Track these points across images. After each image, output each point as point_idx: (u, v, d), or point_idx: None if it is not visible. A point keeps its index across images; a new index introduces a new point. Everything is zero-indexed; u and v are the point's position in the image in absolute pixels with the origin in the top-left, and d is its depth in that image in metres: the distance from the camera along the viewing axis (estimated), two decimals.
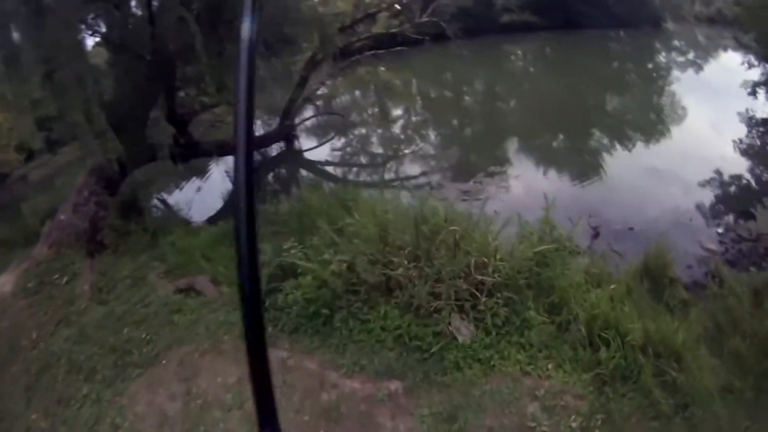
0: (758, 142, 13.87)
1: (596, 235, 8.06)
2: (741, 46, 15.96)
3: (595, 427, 4.57)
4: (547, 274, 5.44)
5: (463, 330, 4.76)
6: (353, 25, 15.67)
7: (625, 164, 12.60)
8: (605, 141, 15.10)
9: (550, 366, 4.99)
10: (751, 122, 14.74)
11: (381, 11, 17.19)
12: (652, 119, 17.24)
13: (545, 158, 13.71)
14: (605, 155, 13.66)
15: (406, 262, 4.90)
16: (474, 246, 5.10)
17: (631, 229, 8.43)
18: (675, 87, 21.86)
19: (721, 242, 8.28)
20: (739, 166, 12.22)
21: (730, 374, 5.22)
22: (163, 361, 5.66)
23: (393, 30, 18.26)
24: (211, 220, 10.22)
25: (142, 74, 9.13)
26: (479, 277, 4.83)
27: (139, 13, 9.36)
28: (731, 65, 25.93)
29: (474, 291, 4.82)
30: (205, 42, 8.85)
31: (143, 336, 6.07)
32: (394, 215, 5.88)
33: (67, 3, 7.62)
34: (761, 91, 14.88)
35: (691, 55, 30.19)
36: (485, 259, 4.95)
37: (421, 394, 4.65)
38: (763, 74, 14.96)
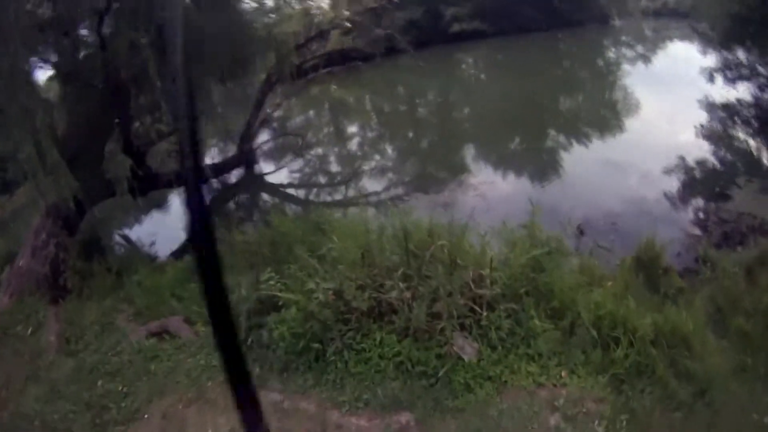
0: (720, 126, 14.03)
1: (581, 233, 7.85)
2: (697, 34, 16.22)
3: (621, 429, 4.36)
4: (544, 279, 5.15)
5: (468, 348, 4.40)
6: (307, 44, 15.36)
7: (592, 160, 12.63)
8: (567, 140, 15.11)
9: (563, 373, 4.70)
10: (712, 107, 14.92)
11: (333, 29, 16.94)
12: (607, 114, 17.49)
13: (509, 162, 13.66)
14: (571, 153, 13.68)
15: (400, 284, 4.51)
16: (467, 258, 4.77)
17: (613, 224, 8.29)
18: (627, 81, 22.29)
19: (704, 227, 8.21)
20: (704, 150, 12.34)
21: (740, 354, 5.18)
22: (146, 416, 5.10)
23: (344, 47, 18.04)
24: (177, 255, 9.68)
25: (95, 104, 8.55)
26: (479, 292, 4.49)
27: (89, 39, 8.79)
28: (679, 55, 26.82)
29: (474, 306, 4.48)
30: (158, 67, 8.44)
31: (120, 389, 5.49)
32: (375, 235, 5.53)
33: (12, 32, 7.11)
34: (718, 77, 15.00)
35: (639, 49, 30.93)
36: (482, 272, 4.61)
37: (434, 423, 4.27)
38: (718, 61, 15.12)
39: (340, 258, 5.16)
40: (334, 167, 16.21)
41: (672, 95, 17.17)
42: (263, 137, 16.17)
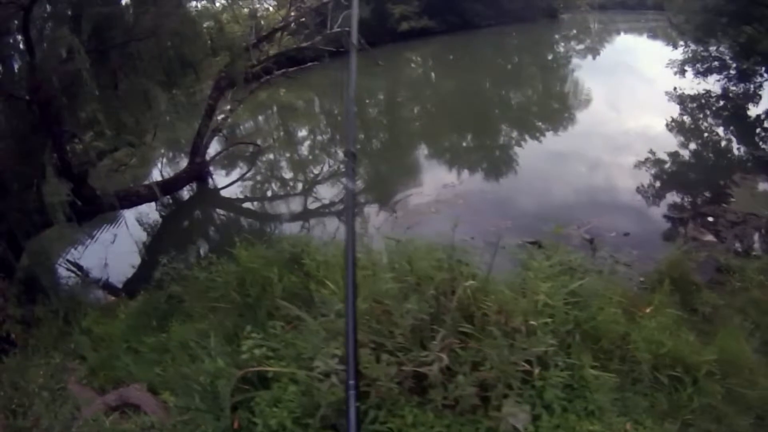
0: (696, 119, 13.74)
1: (594, 248, 7.08)
2: (672, 27, 16.15)
3: None
4: (587, 316, 4.29)
5: (521, 415, 3.46)
6: (258, 45, 14.23)
7: (570, 158, 11.95)
8: (534, 136, 14.56)
9: (628, 426, 3.85)
10: (683, 100, 14.67)
11: (281, 29, 15.90)
12: (568, 109, 17.11)
13: (471, 163, 12.94)
14: (546, 151, 13.00)
15: (429, 344, 3.50)
16: (502, 302, 3.82)
17: (626, 234, 7.55)
18: (578, 74, 22.22)
19: (716, 232, 7.58)
20: (685, 146, 11.97)
21: None
22: None
23: (293, 48, 17.03)
24: (128, 288, 8.56)
25: (23, 122, 7.32)
26: (535, 350, 3.55)
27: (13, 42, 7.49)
28: (626, 46, 27.15)
29: (526, 365, 3.55)
30: (95, 73, 7.24)
31: None
32: (372, 269, 4.54)
33: None
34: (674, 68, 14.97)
35: (588, 42, 31.14)
36: (533, 322, 3.68)
37: None
38: (684, 53, 14.93)
39: (338, 303, 4.15)
40: (290, 177, 15.13)
41: (628, 86, 16.99)
42: (216, 147, 15.04)
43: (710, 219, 7.93)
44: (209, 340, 4.98)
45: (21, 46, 7.16)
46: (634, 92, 16.59)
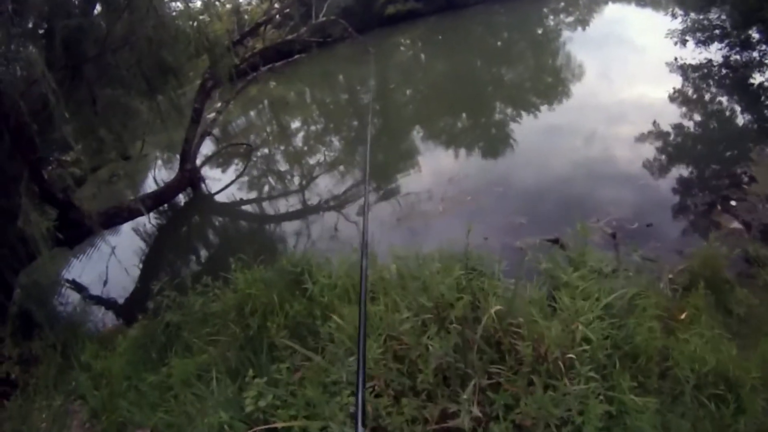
0: (700, 91, 13.29)
1: (617, 243, 6.65)
2: None
3: None
4: (623, 335, 3.89)
5: None
6: (242, 41, 13.70)
7: (575, 141, 11.46)
8: (534, 115, 14.02)
9: None
10: (684, 70, 14.20)
11: (265, 23, 15.38)
12: (566, 85, 16.61)
13: (479, 152, 12.42)
14: (549, 131, 12.52)
15: (460, 392, 3.09)
16: (538, 333, 3.41)
17: (649, 225, 7.09)
18: (570, 47, 21.73)
19: (742, 218, 7.12)
20: (687, 118, 11.52)
21: None
22: None
23: (280, 41, 16.52)
24: (125, 315, 8.23)
25: None
26: (575, 389, 3.15)
27: None
28: (615, 17, 26.65)
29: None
30: (70, 90, 6.78)
31: None
32: (384, 297, 4.13)
33: None
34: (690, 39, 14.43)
35: (576, 14, 30.53)
36: (571, 355, 3.28)
37: None
38: (683, 22, 14.46)
39: (347, 342, 3.74)
40: (285, 175, 14.60)
41: (636, 58, 16.47)
42: (207, 150, 14.59)
43: (733, 203, 7.47)
44: (212, 376, 4.70)
45: None
46: (633, 64, 16.09)
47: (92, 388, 5.87)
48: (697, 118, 11.65)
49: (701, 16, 14.06)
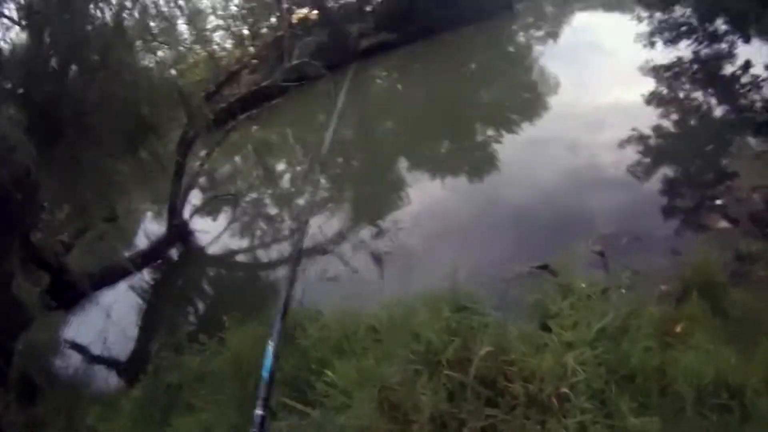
0: (674, 89, 13.43)
1: (603, 257, 6.65)
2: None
3: None
4: (617, 358, 3.87)
5: None
6: (219, 90, 13.78)
7: (553, 152, 11.52)
8: (510, 132, 14.08)
9: None
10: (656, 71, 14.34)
11: (241, 69, 15.50)
12: (541, 99, 16.71)
13: (462, 180, 12.37)
14: (522, 145, 12.60)
15: None
16: (530, 370, 3.39)
17: (637, 239, 7.09)
18: (543, 60, 21.92)
19: (729, 216, 7.15)
20: (664, 119, 11.63)
21: None
22: None
23: (257, 86, 16.61)
24: (126, 375, 8.19)
25: None
26: (568, 422, 3.13)
27: None
28: (584, 24, 26.99)
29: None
30: (50, 155, 6.81)
31: None
32: (375, 340, 4.12)
33: None
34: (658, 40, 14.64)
35: (546, 27, 30.93)
36: (565, 389, 3.26)
37: None
38: (649, 24, 14.68)
39: (339, 396, 3.71)
40: (274, 221, 14.35)
41: (606, 64, 16.65)
42: (194, 201, 14.52)
43: (718, 202, 7.51)
44: None
45: None
46: (605, 70, 16.26)
47: None
48: (675, 117, 11.81)
49: (666, 16, 14.25)
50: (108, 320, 10.33)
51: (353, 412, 3.39)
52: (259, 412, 1.48)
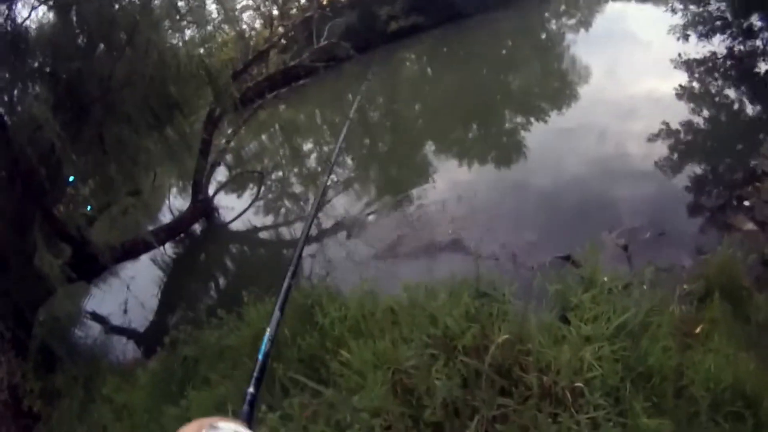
0: (705, 84, 13.15)
1: (629, 255, 6.56)
2: None
3: None
4: (635, 357, 3.82)
5: None
6: (246, 69, 13.82)
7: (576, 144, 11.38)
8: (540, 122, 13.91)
9: None
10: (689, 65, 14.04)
11: (270, 48, 15.50)
12: (572, 88, 16.48)
13: (489, 166, 12.37)
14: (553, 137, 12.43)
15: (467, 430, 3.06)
16: (546, 361, 3.37)
17: (662, 234, 7.00)
18: (575, 49, 21.59)
19: (756, 219, 7.00)
20: (695, 115, 11.41)
21: None
22: None
23: (286, 66, 16.63)
24: (145, 347, 8.43)
25: (8, 196, 6.99)
26: (581, 418, 3.10)
27: None
28: (617, 15, 26.46)
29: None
30: (77, 131, 6.90)
31: None
32: (393, 322, 4.12)
33: None
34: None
35: (578, 15, 30.40)
36: (579, 384, 3.24)
37: None
38: (683, 17, 14.33)
39: (354, 377, 3.73)
40: (299, 200, 14.59)
41: (640, 56, 16.33)
42: (219, 178, 14.69)
43: (747, 203, 7.35)
44: (228, 409, 4.72)
45: None
46: (637, 62, 15.95)
47: (114, 420, 5.99)
48: (706, 113, 11.55)
49: (701, 9, 13.88)
50: (128, 293, 10.57)
51: (366, 393, 3.39)
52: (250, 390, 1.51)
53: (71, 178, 8.22)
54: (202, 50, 11.63)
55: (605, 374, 3.43)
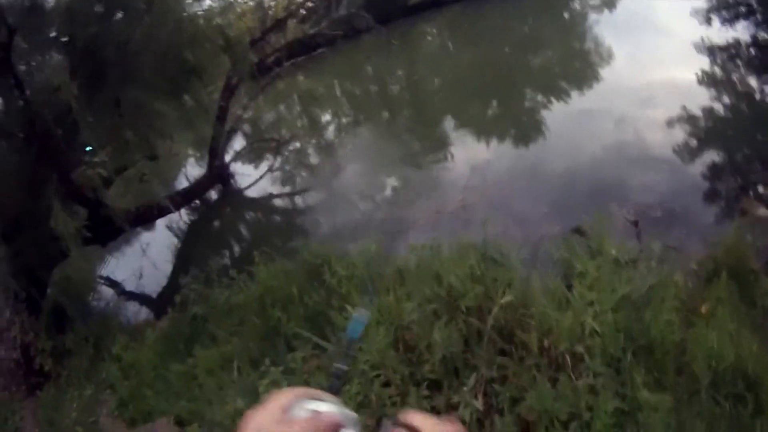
0: (731, 71, 12.90)
1: (637, 227, 6.54)
2: None
3: None
4: (638, 328, 3.82)
5: None
6: (264, 37, 13.78)
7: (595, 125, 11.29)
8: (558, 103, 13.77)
9: None
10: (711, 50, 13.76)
11: (288, 17, 15.42)
12: (592, 68, 16.26)
13: (505, 140, 12.32)
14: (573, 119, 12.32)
15: (466, 385, 3.11)
16: (545, 323, 3.39)
17: (673, 214, 6.95)
18: (597, 30, 21.24)
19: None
20: (714, 100, 11.23)
21: None
22: None
23: (304, 35, 16.56)
24: (156, 308, 8.72)
25: (24, 157, 7.13)
26: (580, 383, 3.13)
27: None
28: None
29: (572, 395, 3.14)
30: (93, 95, 6.96)
31: None
32: (399, 290, 4.16)
33: None
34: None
35: None
36: (579, 349, 3.26)
37: None
38: (708, 0, 14.06)
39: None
40: (314, 169, 14.66)
41: (662, 40, 16.06)
42: (235, 146, 14.76)
43: (761, 190, 7.27)
44: (234, 365, 4.84)
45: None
46: (659, 45, 15.71)
47: (122, 378, 6.16)
48: (726, 100, 11.34)
49: None
50: (142, 256, 10.73)
51: (367, 347, 3.45)
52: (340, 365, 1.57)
53: (88, 148, 8.31)
54: (220, 20, 11.69)
55: (606, 342, 3.45)
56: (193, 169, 15.08)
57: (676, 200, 7.25)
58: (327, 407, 0.82)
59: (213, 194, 13.30)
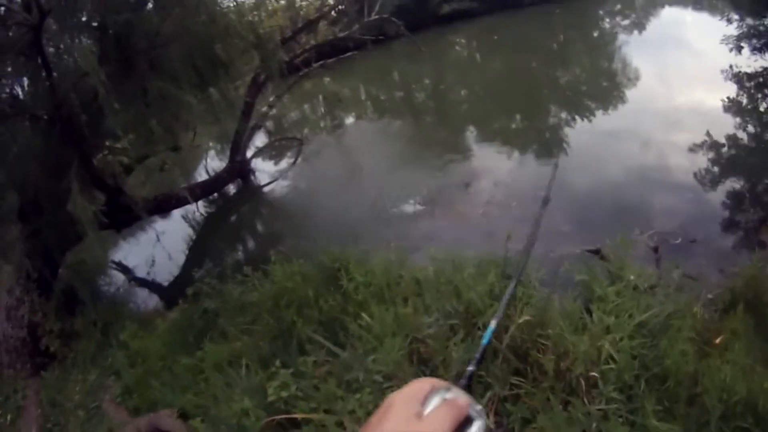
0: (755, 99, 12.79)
1: (659, 257, 6.48)
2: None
3: None
4: (653, 356, 3.78)
5: None
6: (294, 37, 13.83)
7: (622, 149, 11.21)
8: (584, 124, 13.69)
9: None
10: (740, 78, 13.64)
11: (319, 19, 15.47)
12: (620, 90, 16.16)
13: (529, 155, 12.24)
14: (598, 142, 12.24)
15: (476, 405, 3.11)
16: (564, 347, 3.36)
17: (693, 241, 6.91)
18: (626, 50, 21.18)
19: None
20: (737, 128, 11.15)
21: None
22: None
23: (334, 37, 16.60)
24: (166, 298, 8.65)
25: (48, 140, 7.22)
26: (592, 408, 3.10)
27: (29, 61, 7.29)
28: (672, 20, 25.82)
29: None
30: (120, 82, 7.02)
31: None
32: (418, 301, 4.15)
33: None
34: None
35: (633, 17, 29.77)
36: (594, 373, 3.23)
37: None
38: (739, 28, 13.98)
39: (372, 341, 3.77)
40: (335, 170, 14.63)
41: (690, 64, 15.96)
42: (257, 142, 14.81)
43: None
44: (242, 363, 4.83)
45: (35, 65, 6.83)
46: (687, 70, 15.61)
47: (128, 365, 6.20)
48: (751, 129, 11.25)
49: (756, 22, 13.48)
50: (159, 245, 10.78)
51: (382, 357, 3.44)
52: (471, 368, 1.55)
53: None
54: (251, 16, 11.74)
55: (621, 368, 3.41)
56: (213, 162, 15.15)
57: (696, 229, 7.18)
58: (462, 396, 0.89)
59: (232, 189, 13.37)
